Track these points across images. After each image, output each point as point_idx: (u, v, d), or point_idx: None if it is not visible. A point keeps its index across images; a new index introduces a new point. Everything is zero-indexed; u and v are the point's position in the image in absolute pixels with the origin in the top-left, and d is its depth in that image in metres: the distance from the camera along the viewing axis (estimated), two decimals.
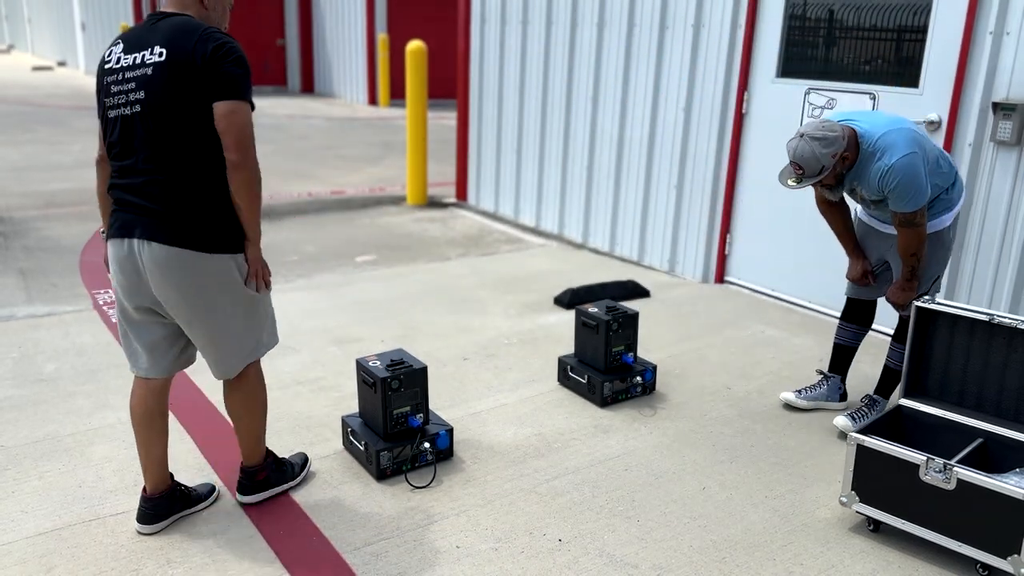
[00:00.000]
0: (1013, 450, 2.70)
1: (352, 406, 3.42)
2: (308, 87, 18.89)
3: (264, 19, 18.52)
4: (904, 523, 2.57)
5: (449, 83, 15.65)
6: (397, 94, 16.70)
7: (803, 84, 4.64)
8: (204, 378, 3.65)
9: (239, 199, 2.36)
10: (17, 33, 31.73)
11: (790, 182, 2.99)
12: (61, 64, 23.77)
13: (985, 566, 2.44)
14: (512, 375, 3.82)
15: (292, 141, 11.29)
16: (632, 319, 3.59)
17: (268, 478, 2.75)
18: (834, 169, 2.97)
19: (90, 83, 18.50)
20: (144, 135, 2.32)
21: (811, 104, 4.60)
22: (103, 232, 2.50)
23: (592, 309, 3.62)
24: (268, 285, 2.54)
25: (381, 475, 2.88)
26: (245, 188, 2.34)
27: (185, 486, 2.67)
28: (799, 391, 3.56)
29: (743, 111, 4.97)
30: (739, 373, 3.93)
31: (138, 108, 2.31)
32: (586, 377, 3.58)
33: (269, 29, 18.63)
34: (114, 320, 4.27)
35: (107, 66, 2.40)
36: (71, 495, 2.74)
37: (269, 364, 3.82)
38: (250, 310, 2.50)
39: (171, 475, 2.63)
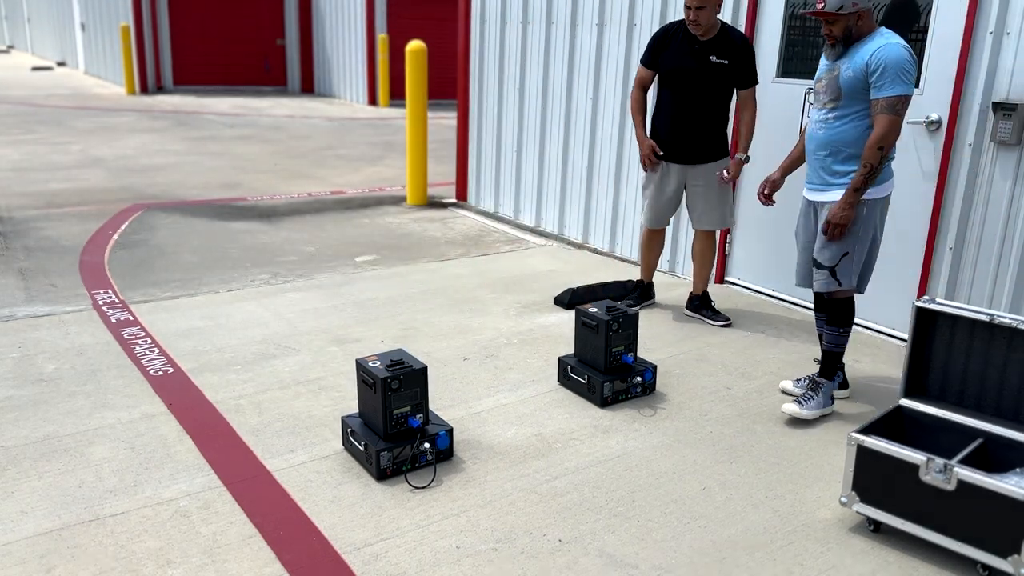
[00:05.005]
0: (1013, 450, 2.70)
1: (352, 406, 3.42)
2: (308, 87, 18.89)
3: (264, 19, 18.52)
4: (904, 523, 2.57)
5: (449, 83, 15.63)
6: (397, 94, 16.70)
7: (803, 84, 4.63)
8: (204, 379, 3.65)
9: None
10: (17, 33, 31.75)
11: (819, 5, 3.22)
12: (61, 64, 23.79)
13: (985, 566, 2.44)
14: (512, 375, 3.82)
15: (292, 141, 11.30)
16: (632, 319, 3.59)
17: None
18: (847, 19, 3.16)
19: (89, 83, 18.52)
20: None
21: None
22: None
23: (592, 309, 3.62)
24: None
25: (381, 475, 2.88)
26: None
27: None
28: (799, 401, 3.45)
29: None
30: (739, 373, 3.93)
31: None
32: (586, 377, 3.58)
33: (269, 29, 18.64)
34: (114, 320, 4.29)
35: None
36: (71, 495, 2.74)
37: (269, 365, 3.83)
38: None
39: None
